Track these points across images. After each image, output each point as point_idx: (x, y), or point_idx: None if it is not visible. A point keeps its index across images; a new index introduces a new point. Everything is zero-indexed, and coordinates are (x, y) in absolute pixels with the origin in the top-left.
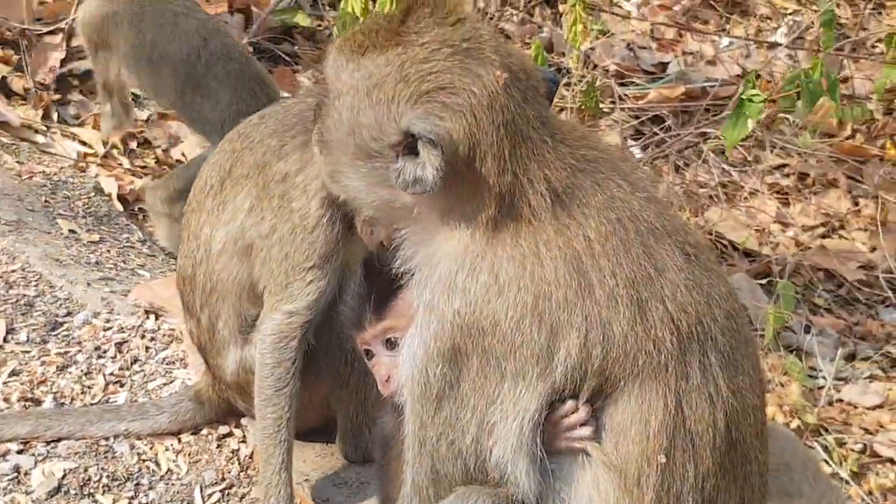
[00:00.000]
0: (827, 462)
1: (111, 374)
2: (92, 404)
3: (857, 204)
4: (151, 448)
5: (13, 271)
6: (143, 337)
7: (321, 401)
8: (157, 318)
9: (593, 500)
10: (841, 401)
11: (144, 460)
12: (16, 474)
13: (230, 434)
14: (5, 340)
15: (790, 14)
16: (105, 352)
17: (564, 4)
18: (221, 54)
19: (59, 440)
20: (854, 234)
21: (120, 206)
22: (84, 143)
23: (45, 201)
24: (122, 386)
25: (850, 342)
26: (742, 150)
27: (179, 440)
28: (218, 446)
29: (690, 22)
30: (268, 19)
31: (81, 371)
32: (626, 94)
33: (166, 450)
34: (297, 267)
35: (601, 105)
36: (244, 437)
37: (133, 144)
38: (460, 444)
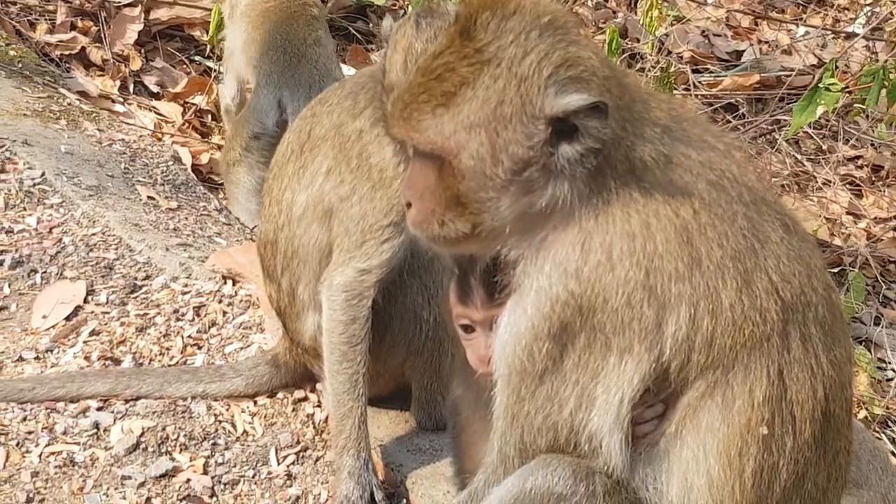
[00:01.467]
0: (894, 453)
1: (189, 336)
2: (170, 366)
3: None
4: (228, 410)
5: (93, 234)
6: (220, 302)
7: (396, 368)
8: (234, 284)
9: (691, 474)
10: None
11: (221, 421)
12: (95, 430)
13: (305, 398)
14: (85, 301)
15: (869, 4)
16: (183, 315)
17: None
18: None
19: (137, 399)
20: None
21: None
22: (160, 115)
23: (125, 168)
24: (199, 349)
25: None
26: (816, 139)
27: (255, 403)
28: (293, 410)
29: (767, 10)
30: None
31: (160, 333)
32: (700, 82)
33: (242, 412)
34: (374, 225)
35: (675, 92)
36: (319, 401)
37: (208, 118)
38: (556, 418)
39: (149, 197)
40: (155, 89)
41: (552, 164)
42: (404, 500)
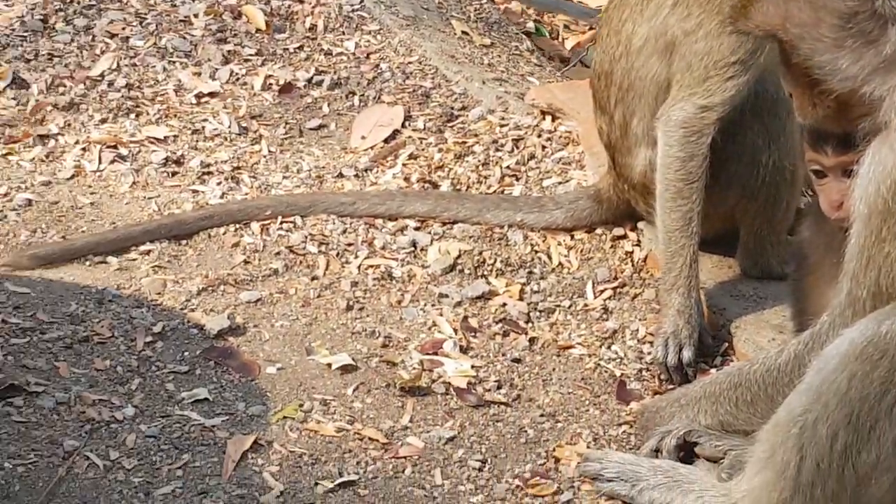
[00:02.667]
0: None
1: (507, 167)
2: (487, 194)
3: None
4: (544, 241)
5: (410, 63)
6: (539, 136)
7: (726, 211)
8: (553, 120)
9: None
10: None
11: (537, 251)
12: (413, 248)
13: (625, 236)
14: (403, 126)
15: None
16: (502, 146)
17: None
18: None
19: (454, 223)
20: None
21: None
22: None
23: (438, 3)
24: (517, 180)
25: None
26: None
27: (572, 237)
28: (612, 246)
29: None
30: None
31: (478, 161)
32: None
33: (559, 244)
34: (719, 62)
35: None
36: (639, 240)
37: None
38: None
39: (463, 32)
40: None
41: (883, 9)
42: (725, 344)
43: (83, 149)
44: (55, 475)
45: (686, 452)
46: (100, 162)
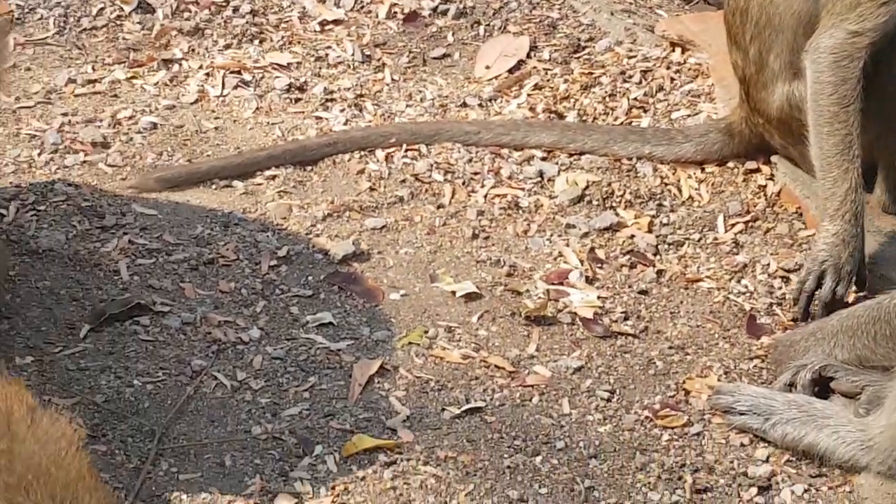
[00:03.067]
0: None
1: (635, 98)
2: (614, 125)
3: None
4: (674, 174)
5: None
6: (668, 68)
7: (866, 144)
8: (683, 52)
9: None
10: None
11: (666, 184)
12: (539, 179)
13: (758, 170)
14: (528, 56)
15: None
16: (629, 77)
17: None
18: None
19: (581, 154)
20: None
21: None
22: None
23: None
24: (645, 112)
25: None
26: None
27: (703, 170)
28: (744, 180)
29: None
30: None
31: (605, 92)
32: None
33: (689, 177)
34: None
35: None
36: (772, 174)
37: None
38: None
39: None
40: None
41: None
42: None
43: (207, 74)
44: (183, 393)
45: (821, 388)
46: (223, 87)
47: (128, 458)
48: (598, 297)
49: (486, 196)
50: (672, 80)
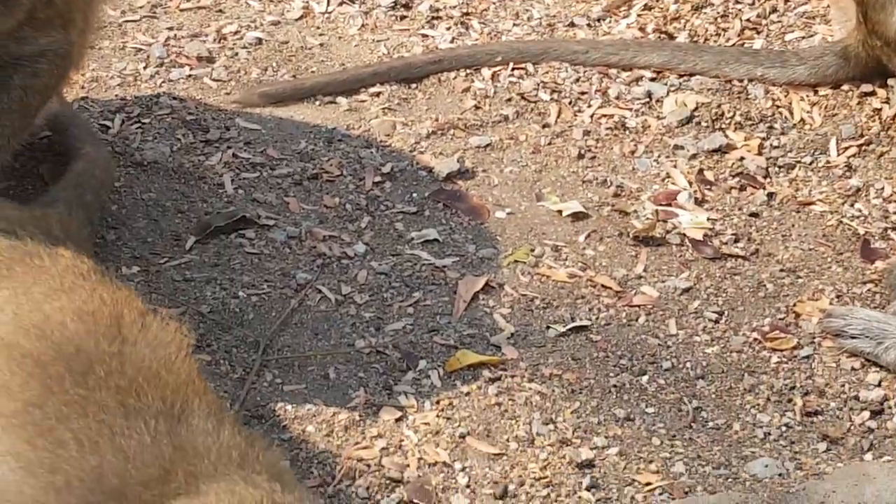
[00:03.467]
0: None
1: (748, 20)
2: (726, 46)
3: None
4: (786, 96)
5: None
6: None
7: None
8: None
9: None
10: None
11: (778, 107)
12: (647, 99)
13: (873, 93)
14: None
15: None
16: None
17: None
18: None
19: (691, 75)
20: None
21: None
22: None
23: None
24: (757, 33)
25: None
26: None
27: (816, 93)
28: (858, 103)
29: None
30: None
31: (717, 13)
32: None
33: (801, 100)
34: None
35: None
36: (888, 98)
37: None
38: None
39: None
40: None
41: None
42: None
43: None
44: (288, 306)
45: None
46: (328, 3)
47: (232, 369)
48: (708, 219)
49: (592, 116)
50: (786, 1)
